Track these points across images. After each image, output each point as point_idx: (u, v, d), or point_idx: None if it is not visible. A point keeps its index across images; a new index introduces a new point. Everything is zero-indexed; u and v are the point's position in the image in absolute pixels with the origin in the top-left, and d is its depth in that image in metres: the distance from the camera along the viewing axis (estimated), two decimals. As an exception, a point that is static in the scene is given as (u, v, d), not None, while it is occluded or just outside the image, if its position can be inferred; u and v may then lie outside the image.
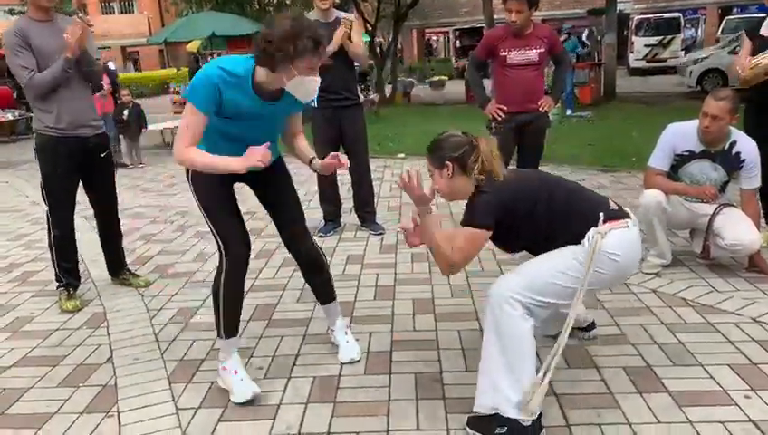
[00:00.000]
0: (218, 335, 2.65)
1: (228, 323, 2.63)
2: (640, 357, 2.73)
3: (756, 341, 2.81)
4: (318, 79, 2.35)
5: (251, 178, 2.60)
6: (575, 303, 2.20)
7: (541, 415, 2.17)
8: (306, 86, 2.33)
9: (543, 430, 2.18)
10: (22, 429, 2.45)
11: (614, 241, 2.20)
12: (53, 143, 3.49)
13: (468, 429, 2.24)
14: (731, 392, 2.42)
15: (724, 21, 22.35)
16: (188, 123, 2.35)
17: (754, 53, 3.80)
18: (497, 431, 2.15)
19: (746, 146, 3.50)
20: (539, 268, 2.24)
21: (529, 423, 2.14)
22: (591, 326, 2.89)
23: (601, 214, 2.24)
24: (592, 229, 2.20)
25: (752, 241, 3.41)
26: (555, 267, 2.21)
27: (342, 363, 2.80)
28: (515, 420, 2.13)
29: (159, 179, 7.92)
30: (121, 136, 9.11)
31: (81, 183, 3.69)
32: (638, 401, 2.40)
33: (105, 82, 8.30)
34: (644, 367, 2.64)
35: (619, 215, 2.28)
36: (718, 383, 2.49)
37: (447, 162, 2.32)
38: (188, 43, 18.72)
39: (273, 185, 2.75)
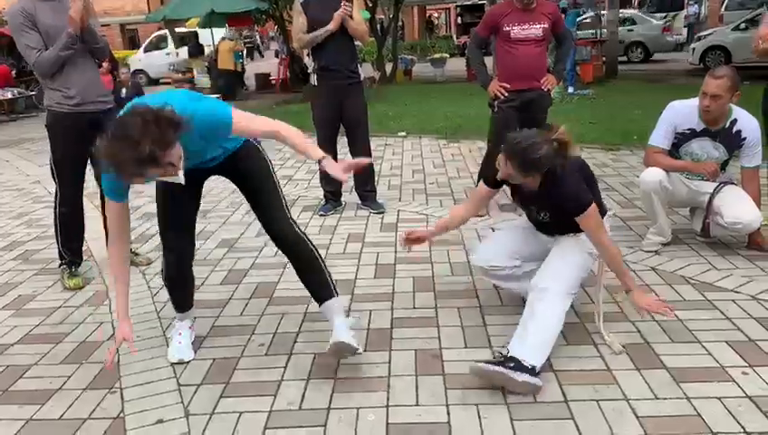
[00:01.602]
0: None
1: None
2: (639, 334, 2.75)
3: (754, 318, 2.83)
4: (180, 175, 2.09)
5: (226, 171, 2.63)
6: (599, 283, 2.78)
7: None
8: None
9: (540, 375, 2.36)
10: (26, 404, 2.47)
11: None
12: (63, 119, 3.52)
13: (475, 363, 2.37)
14: (728, 369, 2.44)
15: (728, -3, 22.08)
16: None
17: None
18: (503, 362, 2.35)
19: (747, 124, 3.48)
20: (570, 265, 2.61)
21: (531, 365, 2.34)
22: None
23: (609, 210, 2.79)
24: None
25: (752, 219, 3.41)
26: (579, 262, 2.63)
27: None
28: (521, 361, 2.34)
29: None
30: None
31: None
32: (636, 377, 2.42)
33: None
34: (642, 344, 2.66)
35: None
36: (716, 360, 2.51)
37: (539, 174, 2.53)
38: (188, 20, 18.59)
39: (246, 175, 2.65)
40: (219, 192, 5.76)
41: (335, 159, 4.87)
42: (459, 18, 29.88)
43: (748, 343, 2.62)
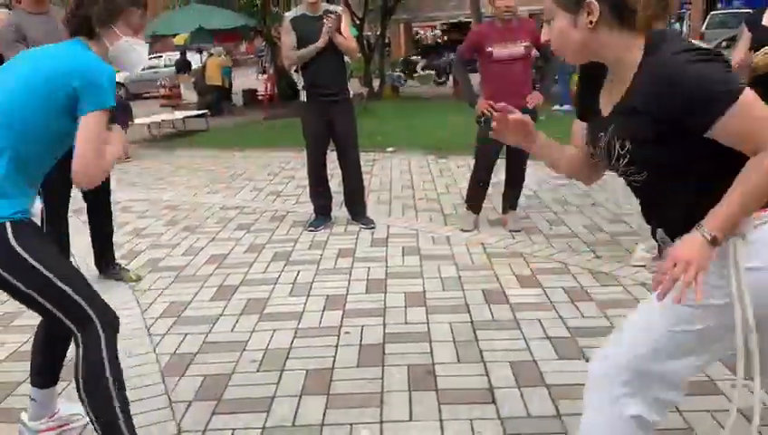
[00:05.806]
0: None
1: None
2: (629, 348, 2.77)
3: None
4: (146, 47, 2.08)
5: None
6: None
7: None
8: (135, 53, 2.04)
9: None
10: (16, 423, 2.44)
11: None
12: None
13: None
14: (718, 382, 2.46)
15: (708, 16, 22.50)
16: (101, 131, 1.90)
17: (754, 43, 3.87)
18: None
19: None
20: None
21: None
22: None
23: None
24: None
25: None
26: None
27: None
28: None
29: (149, 173, 7.89)
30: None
31: None
32: (627, 391, 2.44)
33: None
34: (633, 358, 2.68)
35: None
36: (706, 373, 2.53)
37: (591, 1, 1.38)
38: (175, 36, 18.60)
39: None
40: (209, 208, 5.75)
41: (326, 175, 4.92)
42: (445, 36, 30.20)
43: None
